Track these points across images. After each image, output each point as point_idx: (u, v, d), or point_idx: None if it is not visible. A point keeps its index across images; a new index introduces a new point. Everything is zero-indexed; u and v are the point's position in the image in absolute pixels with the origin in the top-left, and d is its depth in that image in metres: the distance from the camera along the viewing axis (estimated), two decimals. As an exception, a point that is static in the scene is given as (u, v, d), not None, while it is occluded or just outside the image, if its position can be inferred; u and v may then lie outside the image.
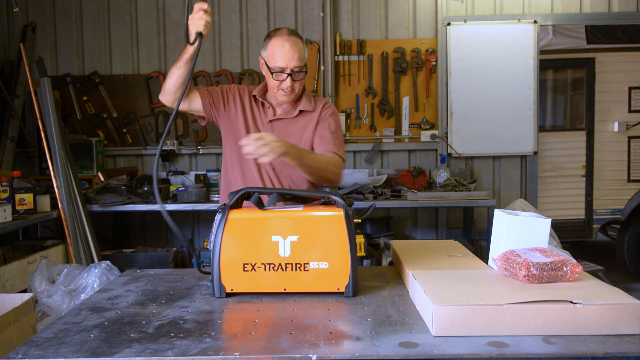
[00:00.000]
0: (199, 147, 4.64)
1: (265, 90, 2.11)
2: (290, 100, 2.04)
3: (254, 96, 2.08)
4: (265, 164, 1.97)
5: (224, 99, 2.07)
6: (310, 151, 2.01)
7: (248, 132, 2.03)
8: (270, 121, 2.06)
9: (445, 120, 4.59)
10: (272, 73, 1.95)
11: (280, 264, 1.54)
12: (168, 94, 1.94)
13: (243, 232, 1.55)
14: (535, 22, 4.52)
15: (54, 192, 3.67)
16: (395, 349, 1.18)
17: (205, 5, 1.73)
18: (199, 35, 1.75)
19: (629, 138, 5.59)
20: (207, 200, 3.94)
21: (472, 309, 1.23)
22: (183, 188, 4.03)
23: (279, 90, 1.99)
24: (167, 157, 4.58)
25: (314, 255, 1.53)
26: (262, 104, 2.08)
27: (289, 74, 1.94)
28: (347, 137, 4.61)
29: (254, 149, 1.68)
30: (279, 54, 1.93)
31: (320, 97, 2.18)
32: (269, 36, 1.99)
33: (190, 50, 1.80)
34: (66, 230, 3.64)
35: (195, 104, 2.03)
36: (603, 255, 5.39)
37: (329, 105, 2.12)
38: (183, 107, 2.00)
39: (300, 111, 2.06)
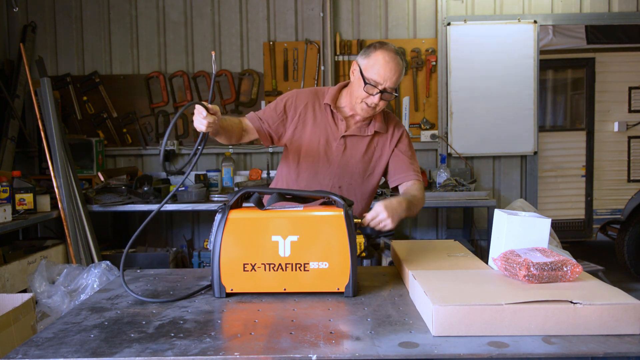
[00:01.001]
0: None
1: (337, 98, 2.06)
2: (367, 117, 2.00)
3: (327, 105, 2.02)
4: (332, 183, 2.00)
5: (281, 119, 2.02)
6: (410, 197, 1.90)
7: (318, 146, 2.00)
8: (343, 137, 2.01)
9: (445, 120, 4.59)
10: (365, 83, 1.89)
11: (280, 264, 1.54)
12: (228, 142, 1.93)
13: (243, 232, 1.55)
14: (535, 22, 4.52)
15: (54, 192, 3.66)
16: (395, 349, 1.18)
17: (204, 112, 1.62)
18: (204, 133, 1.69)
19: (629, 138, 5.58)
20: (207, 200, 3.94)
21: (472, 309, 1.23)
22: (183, 188, 4.03)
23: (362, 102, 1.93)
24: (167, 157, 4.58)
25: (314, 255, 1.53)
26: (333, 113, 2.03)
27: (381, 91, 1.89)
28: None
29: (374, 224, 1.72)
30: (382, 68, 1.88)
31: (392, 114, 2.14)
32: (374, 47, 1.93)
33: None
34: (66, 230, 3.64)
35: (252, 135, 2.00)
36: (603, 255, 5.39)
37: (400, 126, 2.10)
38: (244, 140, 1.99)
39: (375, 132, 2.03)
